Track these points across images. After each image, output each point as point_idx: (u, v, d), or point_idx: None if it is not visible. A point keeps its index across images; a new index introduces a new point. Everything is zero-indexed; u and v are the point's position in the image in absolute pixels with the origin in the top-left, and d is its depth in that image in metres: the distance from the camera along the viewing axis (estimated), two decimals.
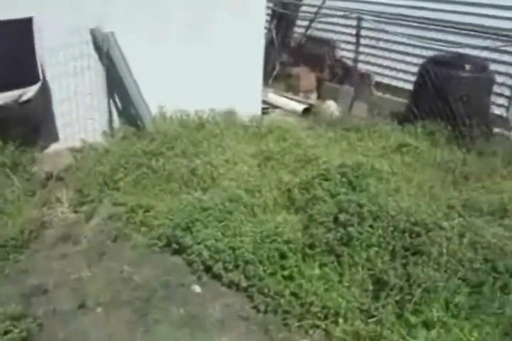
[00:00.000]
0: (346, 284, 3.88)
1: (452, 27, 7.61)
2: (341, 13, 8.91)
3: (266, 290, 3.83)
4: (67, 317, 3.70)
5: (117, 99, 5.95)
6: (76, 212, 4.94)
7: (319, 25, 9.51)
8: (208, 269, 4.11)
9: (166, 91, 5.88)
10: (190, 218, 4.32)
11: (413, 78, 7.49)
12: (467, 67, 6.89)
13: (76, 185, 5.17)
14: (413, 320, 3.60)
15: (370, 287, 3.83)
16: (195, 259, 4.13)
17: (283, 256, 4.03)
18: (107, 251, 4.41)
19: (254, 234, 4.15)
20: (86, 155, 5.55)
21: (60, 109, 5.91)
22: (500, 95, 7.41)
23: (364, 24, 8.62)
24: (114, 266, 4.23)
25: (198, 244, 4.15)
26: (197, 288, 4.05)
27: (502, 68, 7.31)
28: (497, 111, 7.41)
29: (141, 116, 5.81)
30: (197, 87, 6.19)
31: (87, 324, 3.64)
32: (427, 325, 3.61)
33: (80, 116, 5.82)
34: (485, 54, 7.34)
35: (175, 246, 4.32)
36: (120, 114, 5.98)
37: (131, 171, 5.12)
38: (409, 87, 7.61)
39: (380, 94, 8.66)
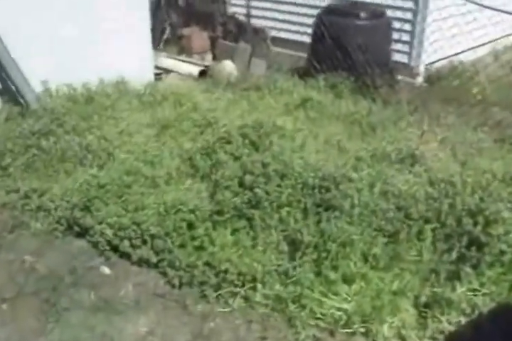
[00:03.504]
0: (260, 248, 3.78)
1: None
2: None
3: (177, 264, 3.69)
4: None
5: None
6: None
7: None
8: (114, 248, 3.93)
9: (48, 66, 5.58)
10: (88, 197, 4.13)
11: (310, 30, 7.34)
12: (362, 14, 6.80)
13: None
14: (332, 275, 3.52)
15: (286, 248, 3.74)
16: (99, 240, 3.93)
17: (191, 225, 3.89)
18: (4, 243, 4.15)
19: (158, 205, 3.99)
20: None
21: None
22: (401, 41, 7.38)
23: None
24: (14, 258, 4.00)
25: (100, 223, 3.96)
26: (106, 270, 3.88)
27: (399, 13, 7.29)
28: (399, 58, 7.39)
29: (23, 94, 5.50)
30: (82, 59, 5.94)
31: None
32: (347, 280, 3.56)
33: None
34: (379, 0, 7.32)
35: (76, 228, 4.12)
36: (0, 94, 5.64)
37: (19, 154, 4.84)
38: (308, 39, 7.45)
39: (278, 49, 8.47)
